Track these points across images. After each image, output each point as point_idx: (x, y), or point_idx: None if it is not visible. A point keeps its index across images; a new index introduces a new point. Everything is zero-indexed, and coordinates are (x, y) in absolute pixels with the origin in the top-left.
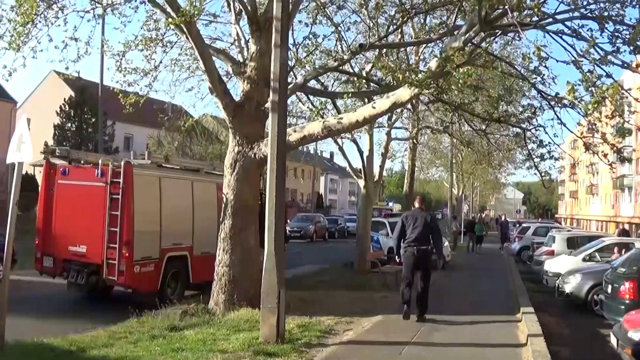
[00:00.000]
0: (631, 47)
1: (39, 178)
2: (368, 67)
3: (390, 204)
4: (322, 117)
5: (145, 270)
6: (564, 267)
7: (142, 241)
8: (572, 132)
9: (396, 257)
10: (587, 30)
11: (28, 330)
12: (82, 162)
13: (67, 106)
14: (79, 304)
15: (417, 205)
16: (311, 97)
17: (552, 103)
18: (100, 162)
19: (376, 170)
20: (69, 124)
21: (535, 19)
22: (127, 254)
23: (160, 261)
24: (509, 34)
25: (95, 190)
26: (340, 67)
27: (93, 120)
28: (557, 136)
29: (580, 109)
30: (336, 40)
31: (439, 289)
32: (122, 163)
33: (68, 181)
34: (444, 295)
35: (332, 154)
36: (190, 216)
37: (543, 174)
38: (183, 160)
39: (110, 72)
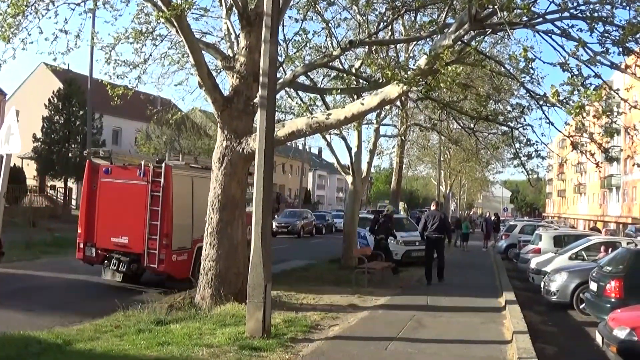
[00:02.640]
0: (620, 48)
1: (28, 171)
2: (357, 63)
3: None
4: (311, 113)
5: (180, 259)
6: (550, 265)
7: (178, 233)
8: (559, 131)
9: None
10: (577, 31)
11: (15, 323)
12: (124, 163)
13: (55, 99)
14: (66, 298)
15: (434, 207)
16: (300, 93)
17: (541, 102)
18: (142, 163)
19: (364, 166)
20: (58, 117)
21: (524, 18)
22: (166, 245)
23: (191, 251)
24: (498, 33)
25: (137, 187)
26: (330, 63)
27: (81, 112)
28: (544, 135)
29: (567, 109)
30: (326, 37)
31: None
32: (163, 165)
33: (110, 179)
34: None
35: (320, 150)
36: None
37: (530, 173)
38: (207, 160)
39: (100, 65)
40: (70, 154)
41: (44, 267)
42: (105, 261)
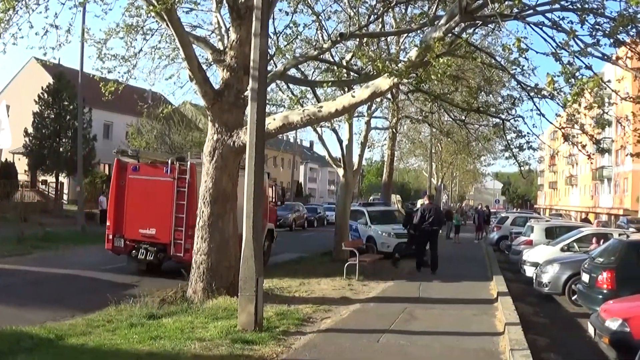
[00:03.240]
0: (611, 40)
1: (19, 166)
2: (348, 56)
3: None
4: (302, 106)
5: None
6: (542, 256)
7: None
8: (551, 122)
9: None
10: (568, 23)
11: (7, 318)
12: (151, 160)
13: (46, 93)
14: (58, 292)
15: (427, 201)
16: (291, 86)
17: (532, 94)
18: (169, 161)
19: (355, 159)
20: (48, 111)
21: (515, 10)
22: (192, 235)
23: None
24: (489, 25)
25: (163, 183)
26: (321, 56)
27: (72, 107)
28: (536, 127)
29: (559, 100)
30: (317, 29)
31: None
32: (189, 163)
33: (138, 176)
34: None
35: (311, 143)
36: None
37: (522, 164)
38: None
39: (91, 60)
40: (61, 149)
41: (36, 262)
42: (133, 251)
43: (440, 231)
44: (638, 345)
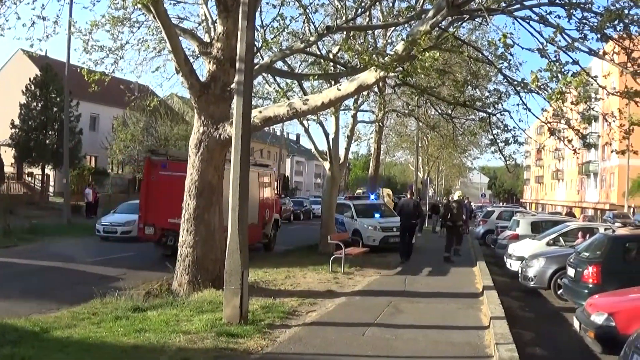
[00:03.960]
0: (598, 35)
1: (5, 158)
2: (335, 49)
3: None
4: (288, 99)
5: (225, 235)
6: (527, 251)
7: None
8: (537, 117)
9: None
10: (555, 17)
11: None
12: (178, 159)
13: (32, 85)
14: (43, 285)
15: (408, 195)
16: (277, 79)
17: (518, 88)
18: None
19: (342, 152)
20: (35, 103)
21: (503, 4)
22: None
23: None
24: (476, 19)
25: None
26: (307, 49)
27: (58, 99)
28: (522, 121)
29: (545, 95)
30: (303, 22)
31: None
32: None
33: (167, 172)
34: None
35: (298, 136)
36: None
37: (507, 158)
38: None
39: (78, 52)
40: (47, 141)
41: (21, 255)
42: (162, 238)
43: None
44: (623, 340)
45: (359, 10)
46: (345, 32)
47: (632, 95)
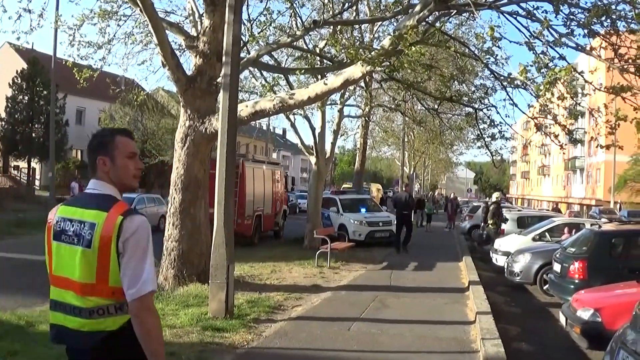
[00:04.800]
0: (585, 31)
1: None
2: (322, 44)
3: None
4: (275, 93)
5: (248, 223)
6: (513, 246)
7: (248, 205)
8: (523, 112)
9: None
10: (542, 12)
11: None
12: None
13: (19, 78)
14: (29, 279)
15: (404, 189)
16: (264, 73)
17: (505, 84)
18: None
19: (328, 147)
20: (21, 96)
21: None
22: (242, 213)
23: (252, 218)
24: (463, 14)
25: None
26: (294, 44)
27: (45, 92)
28: (508, 117)
29: (532, 90)
30: (290, 16)
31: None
32: (240, 160)
33: (213, 171)
34: (395, 268)
35: (284, 131)
36: (262, 190)
37: (494, 154)
38: (261, 157)
39: (65, 45)
40: (33, 134)
41: (7, 248)
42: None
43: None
44: (609, 335)
45: (346, 4)
46: (332, 27)
47: (619, 90)
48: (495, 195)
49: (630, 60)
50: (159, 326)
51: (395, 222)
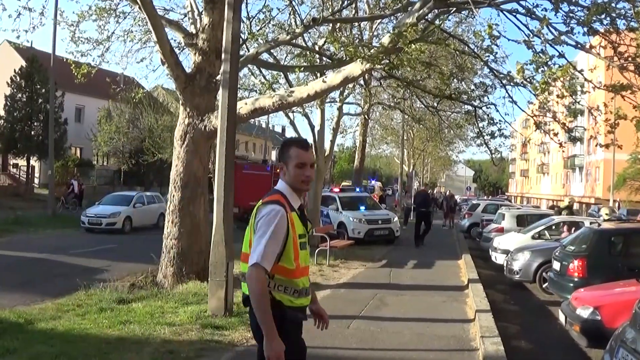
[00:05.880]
0: (585, 29)
1: None
2: (321, 41)
3: (373, 181)
4: (274, 91)
5: None
6: (512, 244)
7: None
8: (523, 110)
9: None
10: (542, 10)
11: None
12: (256, 163)
13: (18, 77)
14: (28, 277)
15: (422, 188)
16: (263, 71)
17: (504, 81)
18: (270, 162)
19: (327, 145)
20: (20, 95)
21: None
22: None
23: None
24: (462, 12)
25: (264, 176)
26: (293, 41)
27: (44, 90)
28: (508, 114)
29: (531, 88)
30: (289, 14)
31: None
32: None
33: (248, 171)
34: (394, 265)
35: (283, 128)
36: None
37: (493, 152)
38: None
39: (64, 43)
40: (32, 132)
41: (6, 246)
42: (246, 215)
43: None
44: (609, 334)
45: (345, 2)
46: (331, 24)
47: (619, 89)
48: (567, 200)
49: (629, 59)
50: (260, 294)
51: (401, 218)
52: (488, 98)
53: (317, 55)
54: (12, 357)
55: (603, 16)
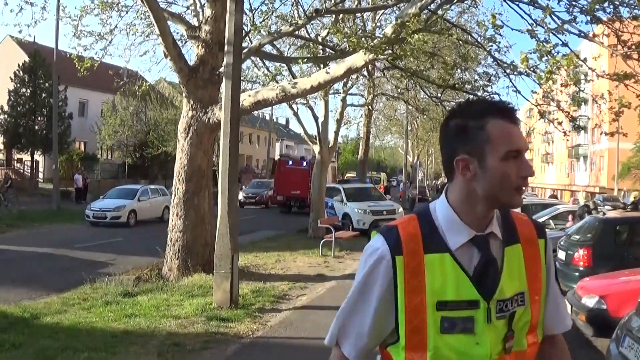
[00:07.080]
0: (588, 17)
1: None
2: (324, 32)
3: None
4: (277, 82)
5: None
6: None
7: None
8: (527, 99)
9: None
10: None
11: None
12: (296, 158)
13: (21, 71)
14: (33, 271)
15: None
16: (266, 62)
17: (508, 71)
18: (307, 159)
19: (331, 136)
20: (24, 89)
21: None
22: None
23: None
24: (465, 1)
25: (303, 170)
26: (296, 32)
27: (47, 85)
28: (511, 104)
29: (534, 77)
30: (292, 5)
31: None
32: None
33: (291, 167)
34: None
35: (287, 120)
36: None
37: None
38: None
39: (67, 38)
40: (36, 127)
41: (11, 241)
42: (288, 202)
43: None
44: (615, 323)
45: None
46: (334, 15)
47: (622, 77)
48: (633, 195)
49: (633, 47)
50: None
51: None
52: (492, 88)
53: (320, 47)
54: (18, 351)
55: (606, 4)
